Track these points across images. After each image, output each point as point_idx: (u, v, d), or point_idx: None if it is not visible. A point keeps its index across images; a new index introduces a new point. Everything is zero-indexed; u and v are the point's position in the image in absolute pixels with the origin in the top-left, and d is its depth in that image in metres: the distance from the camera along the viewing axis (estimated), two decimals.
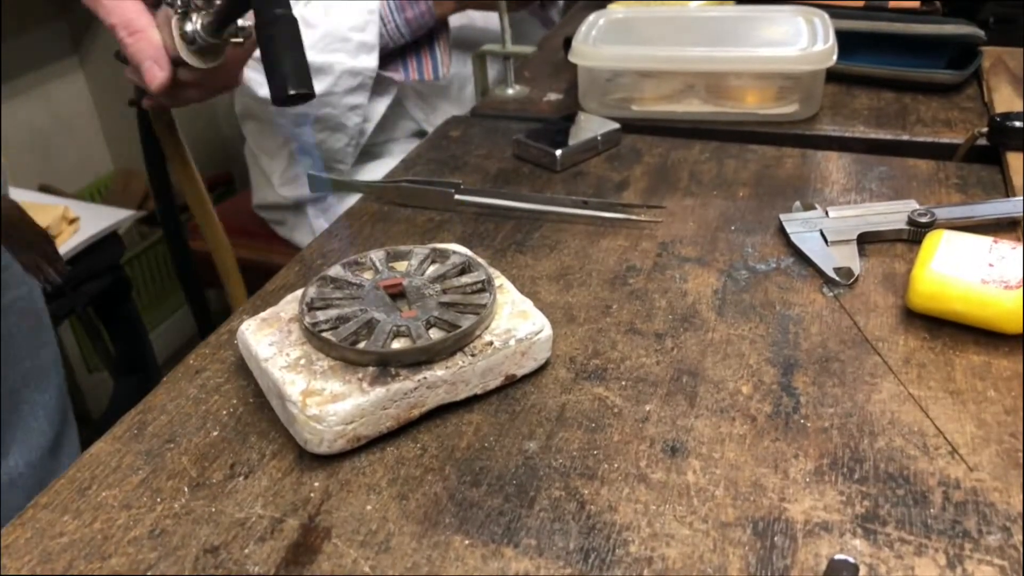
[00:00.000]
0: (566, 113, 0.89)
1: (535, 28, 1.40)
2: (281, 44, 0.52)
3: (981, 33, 0.92)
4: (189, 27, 0.63)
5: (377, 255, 0.58)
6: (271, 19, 0.52)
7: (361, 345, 0.49)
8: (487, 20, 1.32)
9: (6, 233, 0.95)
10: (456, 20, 1.27)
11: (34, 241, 1.07)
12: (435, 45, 1.24)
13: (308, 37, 1.15)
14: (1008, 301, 0.52)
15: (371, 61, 1.16)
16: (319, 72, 1.15)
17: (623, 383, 0.52)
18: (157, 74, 0.64)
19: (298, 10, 1.17)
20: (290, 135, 1.29)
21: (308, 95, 0.52)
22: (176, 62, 0.65)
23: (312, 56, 1.14)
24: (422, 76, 1.24)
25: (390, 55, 1.22)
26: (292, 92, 0.51)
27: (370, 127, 1.25)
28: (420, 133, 1.33)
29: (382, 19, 1.17)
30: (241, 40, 0.65)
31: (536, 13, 1.39)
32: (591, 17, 0.96)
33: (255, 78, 1.15)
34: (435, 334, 0.50)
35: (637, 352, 0.54)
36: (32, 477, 0.64)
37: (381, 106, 1.25)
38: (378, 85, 1.21)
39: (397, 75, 1.23)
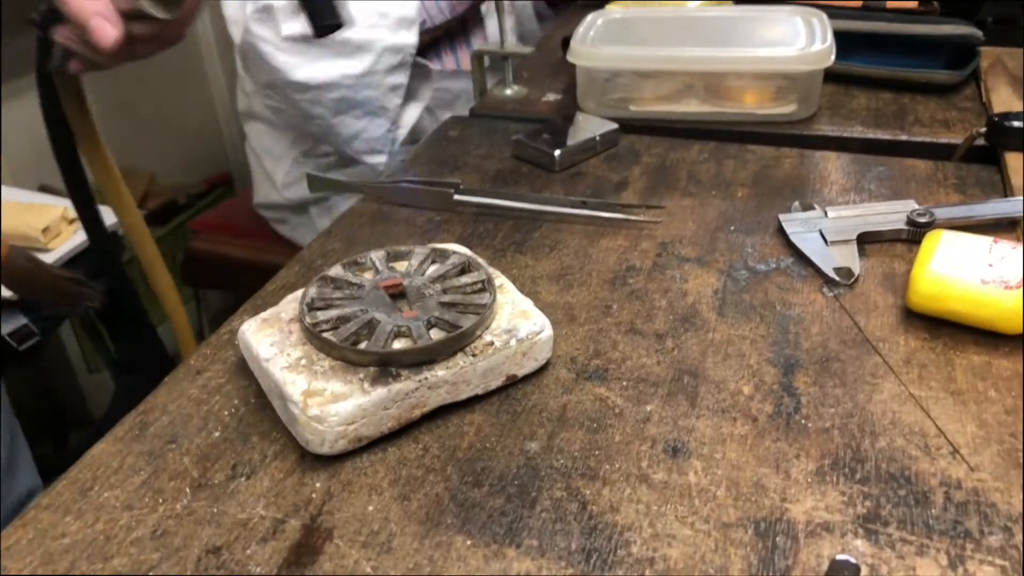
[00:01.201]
0: (564, 113, 0.89)
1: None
2: None
3: (979, 33, 0.93)
4: None
5: (377, 255, 0.58)
6: None
7: (362, 345, 0.49)
8: None
9: (27, 288, 0.90)
10: None
11: (54, 284, 1.05)
12: (471, 37, 1.21)
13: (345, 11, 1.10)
14: (1008, 301, 0.52)
15: (411, 37, 1.11)
16: (359, 50, 1.09)
17: (624, 383, 0.52)
18: (109, 31, 0.57)
19: None
20: (325, 129, 1.20)
21: (339, 24, 0.57)
22: (128, 16, 0.60)
23: (352, 34, 1.06)
24: (458, 65, 1.20)
25: (426, 47, 1.17)
26: (327, 23, 0.56)
27: (403, 133, 1.20)
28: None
29: None
30: None
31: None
32: (589, 17, 0.96)
33: (289, 60, 1.09)
34: (436, 334, 0.50)
35: (638, 352, 0.54)
36: None
37: (413, 113, 1.20)
38: (412, 85, 1.16)
39: (434, 65, 1.19)
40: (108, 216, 0.94)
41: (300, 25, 1.06)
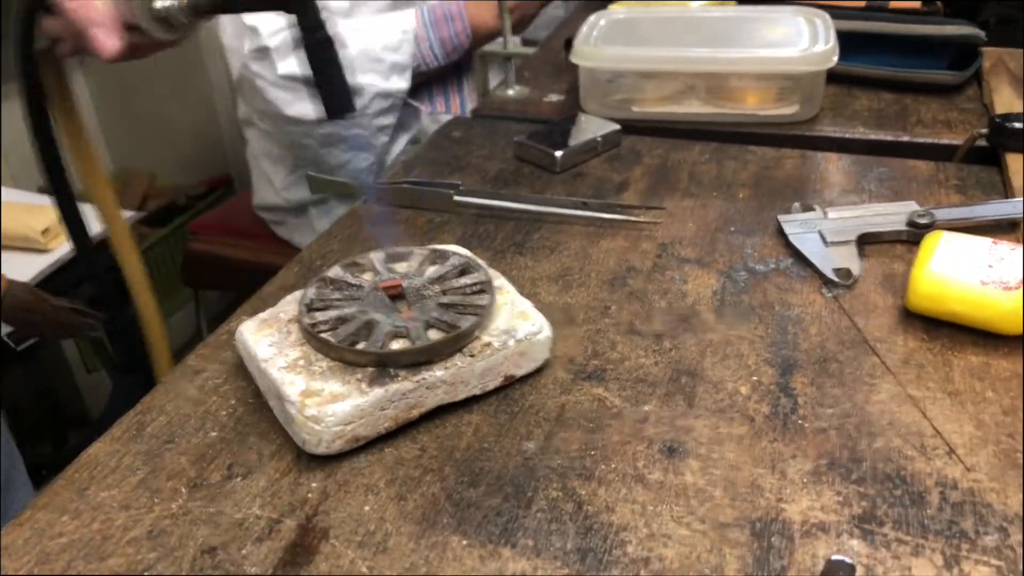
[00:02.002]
0: (567, 114, 0.89)
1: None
2: (326, 68, 0.59)
3: (981, 34, 0.93)
4: (161, 4, 0.60)
5: (377, 256, 0.58)
6: (313, 43, 0.57)
7: (360, 346, 0.49)
8: None
9: (27, 321, 0.90)
10: None
11: (54, 316, 1.04)
12: (463, 81, 1.24)
13: (343, 57, 1.14)
14: (1007, 302, 0.52)
15: (403, 83, 1.16)
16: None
17: (622, 384, 0.52)
18: (109, 43, 0.59)
19: (331, 28, 1.17)
20: (312, 157, 1.27)
21: (352, 110, 0.62)
22: (130, 27, 0.61)
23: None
24: (449, 109, 1.25)
25: (418, 87, 1.22)
26: (342, 110, 0.60)
27: (388, 160, 1.25)
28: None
29: (416, 39, 1.16)
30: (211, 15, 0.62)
31: None
32: (592, 18, 0.96)
33: (282, 97, 1.14)
34: (434, 335, 0.50)
35: (636, 353, 0.54)
36: None
37: (401, 141, 1.25)
38: (401, 119, 1.20)
39: (424, 107, 1.24)
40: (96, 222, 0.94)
41: (295, 65, 1.11)
